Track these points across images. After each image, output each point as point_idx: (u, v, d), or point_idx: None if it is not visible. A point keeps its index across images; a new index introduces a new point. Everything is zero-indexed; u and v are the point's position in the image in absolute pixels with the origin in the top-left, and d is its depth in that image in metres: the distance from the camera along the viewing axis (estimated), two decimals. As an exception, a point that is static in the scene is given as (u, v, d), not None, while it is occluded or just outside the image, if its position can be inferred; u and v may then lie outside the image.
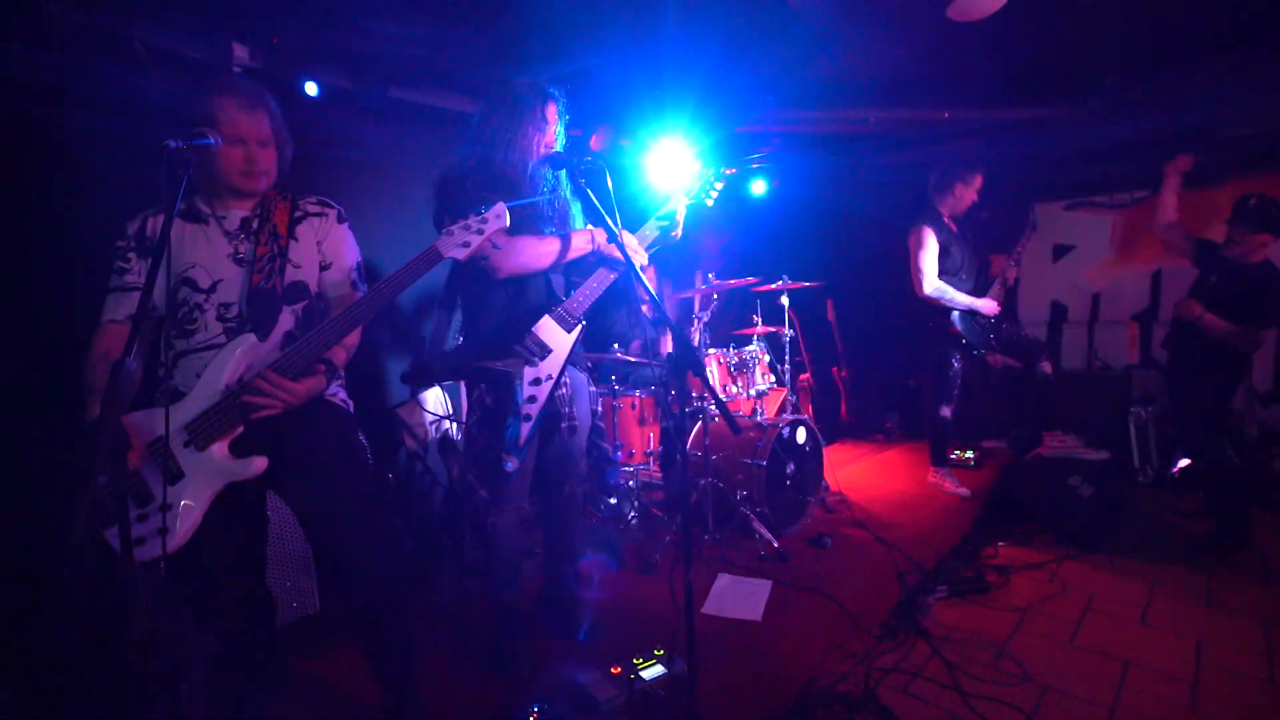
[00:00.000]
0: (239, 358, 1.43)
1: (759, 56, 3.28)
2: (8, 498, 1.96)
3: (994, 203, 4.45)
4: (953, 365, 3.55)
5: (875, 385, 5.35)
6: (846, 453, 4.60)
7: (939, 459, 3.69)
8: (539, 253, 1.84)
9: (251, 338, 1.45)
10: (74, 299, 1.66)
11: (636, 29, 2.86)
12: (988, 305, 3.37)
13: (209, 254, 1.49)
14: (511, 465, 1.78)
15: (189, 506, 1.37)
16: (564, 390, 1.94)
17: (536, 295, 1.91)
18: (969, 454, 4.07)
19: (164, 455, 1.38)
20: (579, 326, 1.88)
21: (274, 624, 1.76)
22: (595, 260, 1.93)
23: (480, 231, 1.48)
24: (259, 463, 1.42)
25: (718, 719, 1.83)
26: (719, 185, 2.06)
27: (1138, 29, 3.11)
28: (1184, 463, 3.61)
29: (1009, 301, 5.25)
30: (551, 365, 1.84)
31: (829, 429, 5.07)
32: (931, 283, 3.35)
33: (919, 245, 3.37)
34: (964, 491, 3.52)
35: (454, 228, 1.48)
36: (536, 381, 1.81)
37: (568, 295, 1.92)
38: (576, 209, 1.99)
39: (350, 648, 2.08)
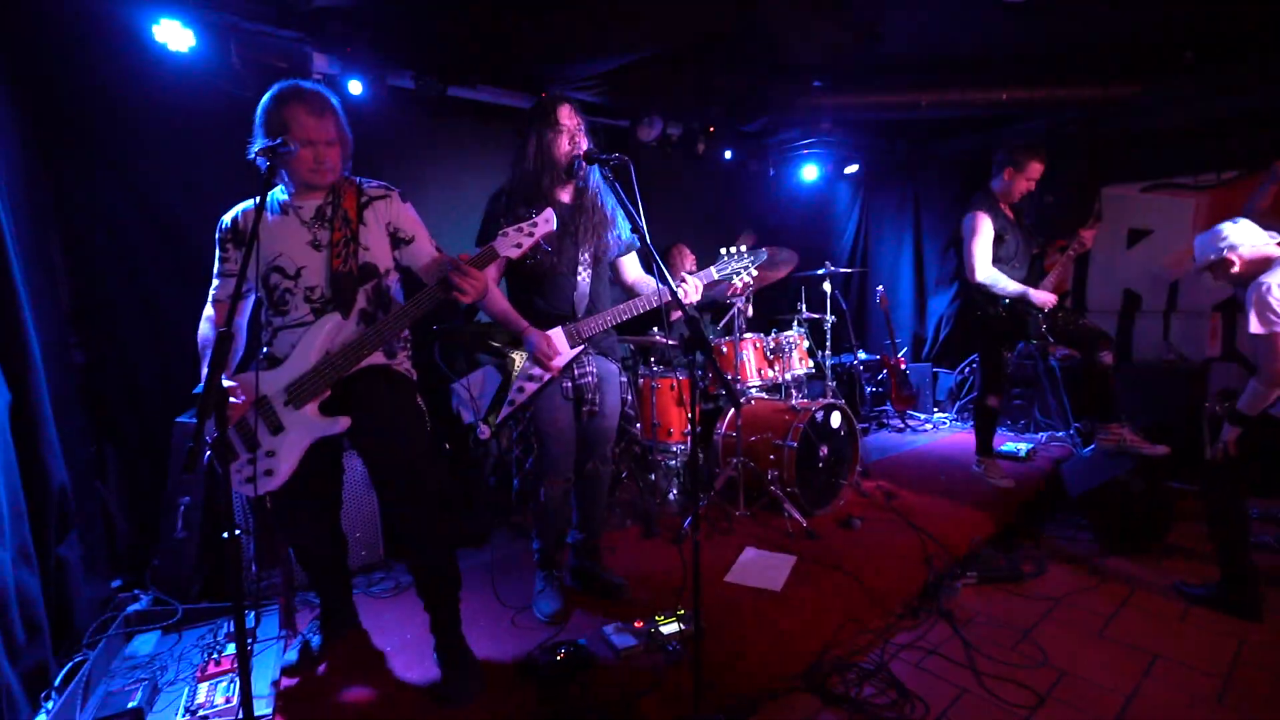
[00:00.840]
0: (326, 334, 1.72)
1: (808, 37, 3.29)
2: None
3: (1060, 186, 4.26)
4: (1002, 355, 3.48)
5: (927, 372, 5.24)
6: (891, 440, 4.57)
7: (985, 449, 3.64)
8: (495, 308, 2.02)
9: (336, 316, 1.73)
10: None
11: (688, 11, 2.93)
12: (1040, 296, 3.26)
13: (291, 243, 1.76)
14: (483, 433, 2.02)
15: (287, 454, 1.69)
16: (590, 379, 2.13)
17: (560, 304, 2.11)
18: (1020, 446, 3.97)
19: (269, 410, 1.70)
20: (581, 346, 2.09)
21: (346, 561, 2.08)
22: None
23: (531, 234, 1.69)
24: (343, 421, 1.72)
25: (728, 676, 1.98)
26: (755, 272, 2.17)
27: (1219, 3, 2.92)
28: None
29: (1076, 289, 5.02)
30: (547, 370, 2.05)
31: (876, 416, 5.04)
32: (985, 270, 3.28)
33: (973, 232, 3.29)
34: (1008, 483, 3.46)
35: (509, 229, 1.70)
36: (530, 378, 2.05)
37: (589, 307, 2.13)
38: (612, 202, 2.15)
39: (409, 594, 2.37)
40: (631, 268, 2.29)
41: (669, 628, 2.02)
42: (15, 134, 2.24)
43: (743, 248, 2.13)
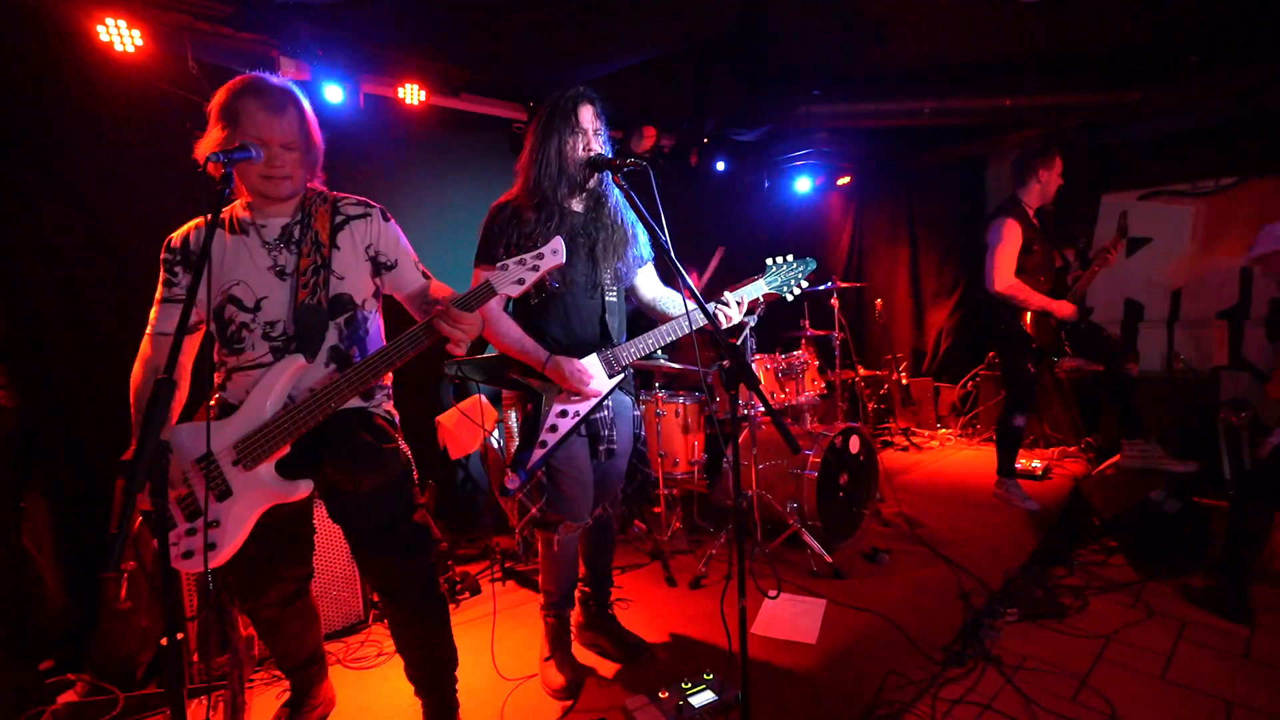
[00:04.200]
0: (286, 380, 1.42)
1: (809, 45, 3.14)
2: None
3: (1059, 195, 4.18)
4: (1027, 369, 3.30)
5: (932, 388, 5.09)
6: (899, 460, 4.39)
7: (1006, 470, 3.46)
8: (505, 340, 1.77)
9: (299, 359, 1.44)
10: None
11: (686, 19, 2.76)
12: (1062, 308, 3.11)
13: (250, 268, 1.47)
14: (513, 483, 1.74)
15: (234, 524, 1.37)
16: (605, 413, 1.87)
17: (585, 330, 1.85)
18: (1034, 462, 3.81)
19: (214, 470, 1.38)
20: (621, 375, 1.83)
21: (320, 639, 1.76)
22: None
23: (535, 268, 1.42)
24: (304, 486, 1.41)
25: (771, 751, 1.72)
26: (805, 282, 1.95)
27: (1225, 5, 2.84)
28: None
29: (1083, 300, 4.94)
30: (581, 404, 1.78)
31: (880, 434, 4.86)
32: (1006, 279, 3.10)
33: (998, 239, 3.11)
34: (1032, 505, 3.28)
35: (510, 262, 1.42)
36: (563, 414, 1.76)
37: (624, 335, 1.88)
38: (631, 216, 1.91)
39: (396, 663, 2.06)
40: (648, 285, 2.04)
41: (700, 698, 1.75)
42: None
43: (790, 256, 1.91)
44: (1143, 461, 3.17)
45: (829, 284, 3.69)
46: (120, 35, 2.28)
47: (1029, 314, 3.15)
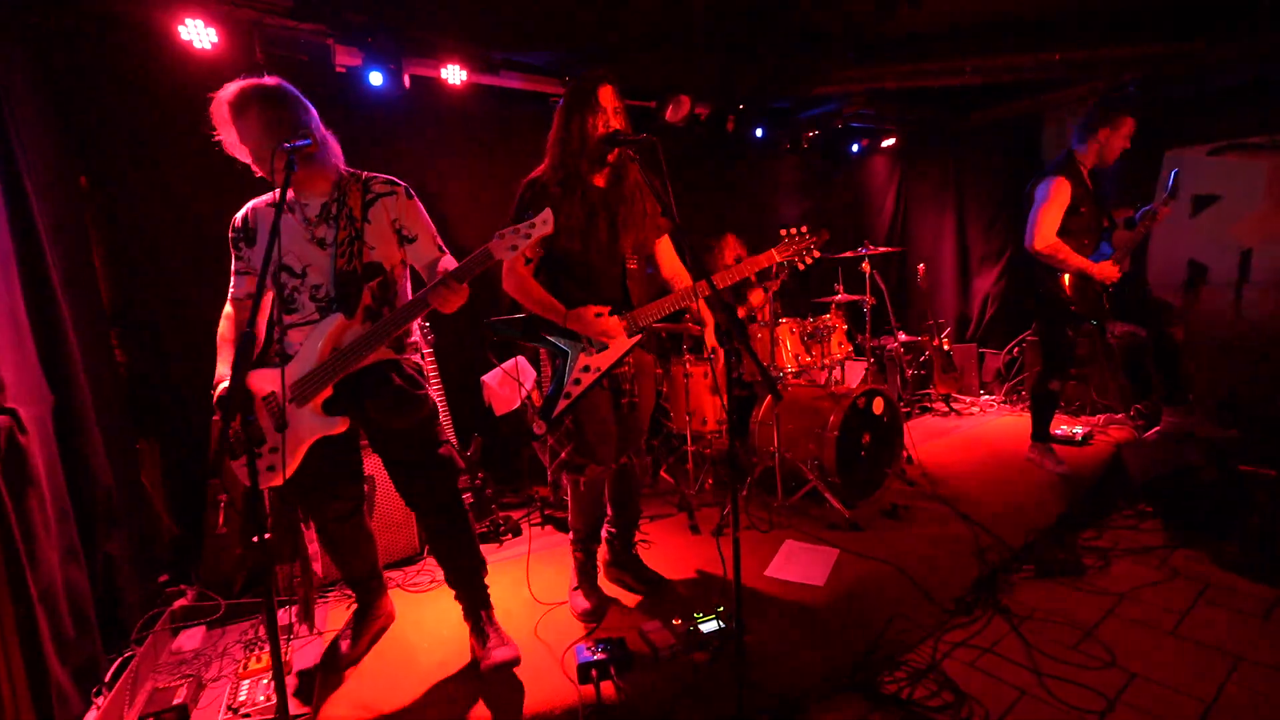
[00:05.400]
0: (330, 334, 1.73)
1: (839, 10, 3.10)
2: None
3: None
4: (1065, 334, 3.23)
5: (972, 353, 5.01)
6: (936, 425, 4.38)
7: (1040, 434, 3.43)
8: (530, 298, 1.97)
9: (340, 317, 1.74)
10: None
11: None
12: (1103, 271, 3.01)
13: (296, 242, 1.76)
14: (540, 429, 1.96)
15: (291, 450, 1.71)
16: (627, 368, 2.05)
17: (609, 294, 2.02)
18: (1076, 429, 3.75)
19: (275, 407, 1.72)
20: (639, 335, 2.00)
21: (377, 559, 2.08)
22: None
23: (528, 236, 1.62)
24: (341, 423, 1.74)
25: (772, 676, 1.90)
26: (816, 254, 2.04)
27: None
28: None
29: (1134, 261, 4.70)
30: (603, 360, 1.97)
31: (919, 400, 4.84)
32: (1046, 238, 3.00)
33: (1045, 196, 3.01)
34: (1064, 469, 3.26)
35: (505, 231, 1.64)
36: (586, 369, 1.96)
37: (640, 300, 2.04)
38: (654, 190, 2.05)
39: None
40: (667, 258, 2.19)
41: (708, 625, 1.95)
42: (49, 137, 2.26)
43: (804, 229, 2.01)
44: (1185, 428, 3.09)
45: (863, 249, 3.70)
46: (198, 33, 2.55)
47: (1067, 276, 3.09)
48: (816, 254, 2.04)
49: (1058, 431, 3.71)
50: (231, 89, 1.68)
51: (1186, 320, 4.19)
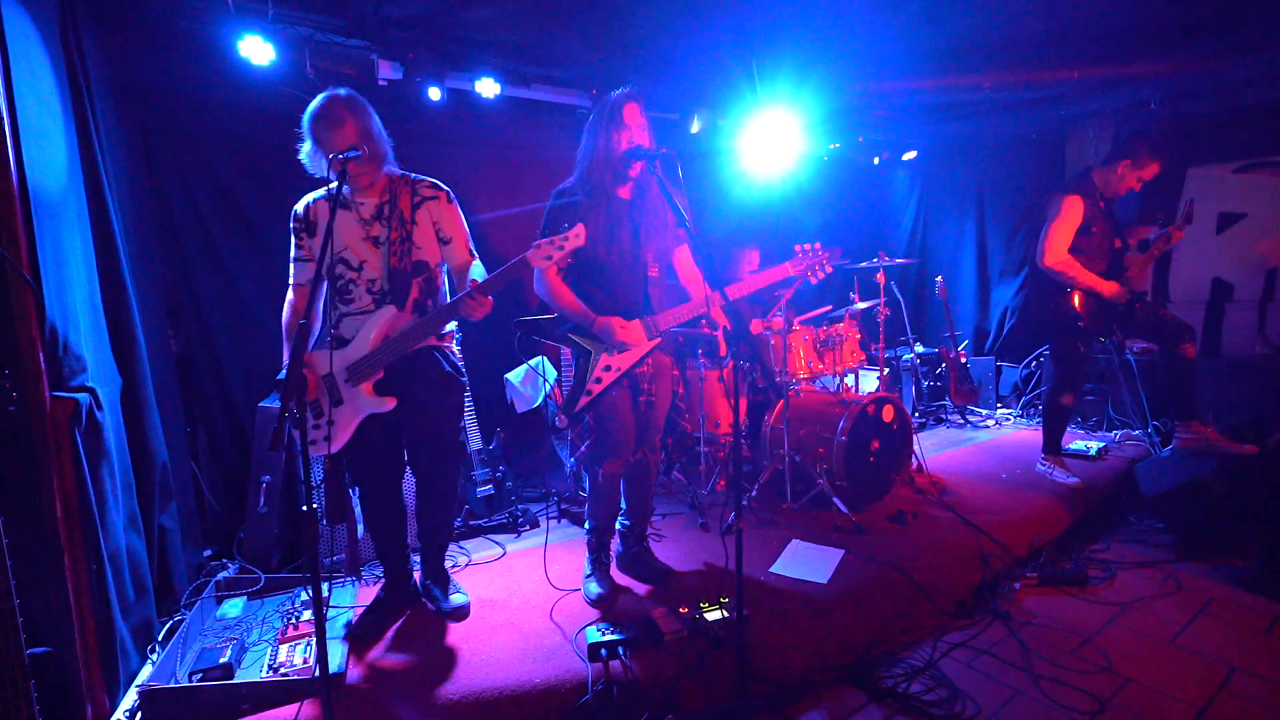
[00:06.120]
0: (383, 324, 1.94)
1: (870, 19, 3.19)
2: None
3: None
4: (1077, 349, 3.27)
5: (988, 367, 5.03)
6: (950, 436, 4.42)
7: (1051, 447, 3.46)
8: (560, 302, 2.12)
9: (393, 308, 1.95)
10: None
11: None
12: (1110, 289, 3.06)
13: (353, 238, 1.96)
14: (561, 423, 2.12)
15: (344, 424, 1.94)
16: (646, 369, 2.18)
17: (631, 299, 2.16)
18: (1091, 444, 3.77)
19: (332, 385, 1.95)
20: (658, 339, 2.14)
21: (405, 533, 2.24)
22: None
23: (561, 247, 1.80)
24: (390, 402, 1.96)
25: (773, 665, 2.00)
26: (829, 268, 2.17)
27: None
28: None
29: (1158, 278, 4.68)
30: (624, 360, 2.11)
31: (934, 411, 4.88)
32: (1057, 255, 3.07)
33: (1057, 213, 3.08)
34: (1075, 482, 3.29)
35: (542, 242, 1.82)
36: (607, 369, 2.10)
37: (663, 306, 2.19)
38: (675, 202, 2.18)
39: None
40: (685, 266, 2.31)
41: (713, 614, 2.05)
42: (125, 142, 2.48)
43: (818, 244, 2.13)
44: (1198, 444, 3.10)
45: (877, 260, 3.78)
46: (256, 49, 2.75)
47: (1078, 293, 3.14)
48: (829, 269, 2.15)
49: (1072, 447, 3.74)
50: (321, 101, 1.89)
51: (1205, 339, 4.17)
